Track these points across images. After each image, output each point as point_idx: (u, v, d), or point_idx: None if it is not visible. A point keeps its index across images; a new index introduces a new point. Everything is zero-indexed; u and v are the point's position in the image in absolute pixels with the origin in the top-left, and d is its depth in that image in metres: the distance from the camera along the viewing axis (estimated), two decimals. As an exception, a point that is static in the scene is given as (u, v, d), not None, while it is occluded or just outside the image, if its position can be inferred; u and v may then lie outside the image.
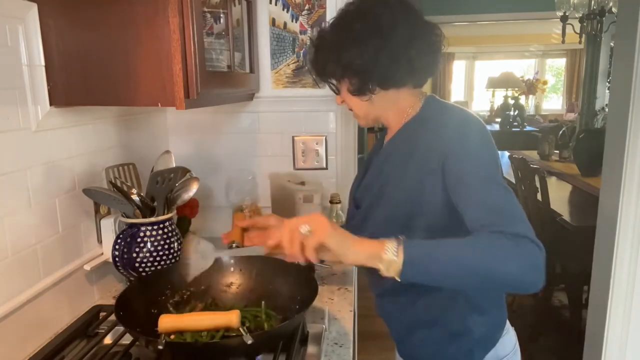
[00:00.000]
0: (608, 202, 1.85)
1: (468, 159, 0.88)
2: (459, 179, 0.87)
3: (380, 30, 0.92)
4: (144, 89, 1.07)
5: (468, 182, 0.86)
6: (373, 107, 1.03)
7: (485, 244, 0.79)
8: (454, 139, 0.91)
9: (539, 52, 8.55)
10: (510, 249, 0.77)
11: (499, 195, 0.84)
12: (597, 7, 3.57)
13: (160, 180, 1.28)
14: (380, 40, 0.92)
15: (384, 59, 0.93)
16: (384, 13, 0.93)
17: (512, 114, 6.83)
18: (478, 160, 0.88)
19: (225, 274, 1.23)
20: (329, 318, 1.22)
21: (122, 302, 1.02)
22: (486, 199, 0.84)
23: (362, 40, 0.93)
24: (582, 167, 3.61)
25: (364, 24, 0.93)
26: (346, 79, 1.00)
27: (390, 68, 0.94)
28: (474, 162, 0.88)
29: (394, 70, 0.95)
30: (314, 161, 1.80)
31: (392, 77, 0.96)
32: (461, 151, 0.89)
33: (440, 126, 0.95)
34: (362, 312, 1.94)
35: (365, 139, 5.27)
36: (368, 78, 0.97)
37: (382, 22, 0.93)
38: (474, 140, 0.91)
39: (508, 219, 0.81)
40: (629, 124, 1.71)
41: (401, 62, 0.94)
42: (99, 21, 1.05)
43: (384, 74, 0.95)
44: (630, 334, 1.86)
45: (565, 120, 6.85)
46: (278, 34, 1.72)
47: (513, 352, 1.07)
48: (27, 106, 1.07)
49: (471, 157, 0.88)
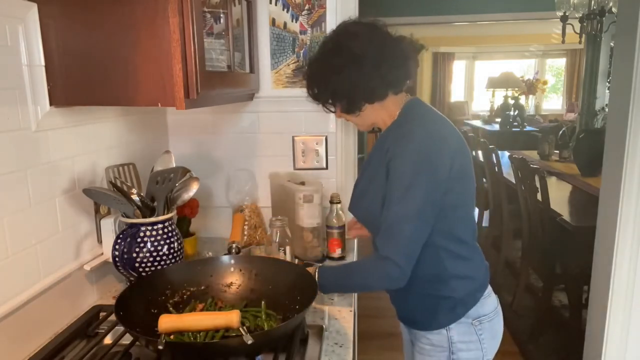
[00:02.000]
0: (608, 202, 1.85)
1: (395, 176, 1.11)
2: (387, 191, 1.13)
3: (354, 59, 1.12)
4: (144, 89, 1.07)
5: (389, 197, 1.12)
6: (366, 117, 1.23)
7: (363, 271, 1.19)
8: (399, 154, 1.12)
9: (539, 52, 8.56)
10: (374, 269, 1.15)
11: (395, 224, 1.10)
12: (597, 7, 3.58)
13: (160, 180, 1.28)
14: (355, 67, 1.12)
15: (362, 82, 1.13)
16: (355, 44, 1.12)
17: (512, 114, 6.82)
18: (399, 181, 1.10)
19: (225, 274, 1.23)
20: (329, 318, 1.22)
21: (122, 302, 1.02)
22: (386, 222, 1.11)
23: (341, 71, 1.13)
24: (582, 167, 3.61)
25: (340, 56, 1.13)
26: (337, 102, 1.20)
27: (368, 87, 1.14)
28: (396, 182, 1.11)
29: (372, 89, 1.15)
30: (314, 161, 1.80)
31: (372, 94, 1.16)
32: (394, 167, 1.11)
33: (397, 137, 1.15)
34: (362, 312, 1.94)
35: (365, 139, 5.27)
36: (354, 99, 1.17)
37: (354, 52, 1.11)
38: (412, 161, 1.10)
39: (387, 243, 1.11)
40: (629, 124, 1.71)
41: (376, 81, 1.14)
42: (99, 21, 1.05)
43: (364, 93, 1.16)
44: (630, 334, 1.86)
45: (565, 120, 6.85)
46: (278, 34, 1.72)
47: (494, 312, 1.27)
48: (27, 106, 1.07)
49: (397, 176, 1.11)
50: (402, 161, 1.10)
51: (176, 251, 1.31)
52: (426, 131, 1.14)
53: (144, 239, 1.26)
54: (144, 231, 1.26)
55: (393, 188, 1.11)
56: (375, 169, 1.19)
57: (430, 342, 1.24)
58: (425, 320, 1.25)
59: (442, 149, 1.12)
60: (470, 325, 1.22)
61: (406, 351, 1.47)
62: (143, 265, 1.25)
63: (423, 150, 1.11)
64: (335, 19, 1.68)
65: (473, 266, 1.25)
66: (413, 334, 1.31)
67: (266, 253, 1.48)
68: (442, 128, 1.17)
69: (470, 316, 1.22)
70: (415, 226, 1.10)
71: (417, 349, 1.29)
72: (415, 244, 1.12)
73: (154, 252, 1.26)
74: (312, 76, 1.21)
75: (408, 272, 1.11)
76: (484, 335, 1.23)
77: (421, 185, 1.09)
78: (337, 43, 1.15)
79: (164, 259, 1.27)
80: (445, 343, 1.22)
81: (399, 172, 1.10)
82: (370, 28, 1.15)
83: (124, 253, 1.24)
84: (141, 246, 1.25)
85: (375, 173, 1.19)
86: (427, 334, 1.25)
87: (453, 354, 1.22)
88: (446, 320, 1.22)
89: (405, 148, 1.11)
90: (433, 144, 1.12)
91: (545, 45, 8.29)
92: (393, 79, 1.16)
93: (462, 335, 1.22)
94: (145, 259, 1.25)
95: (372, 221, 1.20)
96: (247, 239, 1.73)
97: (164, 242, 1.28)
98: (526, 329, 2.99)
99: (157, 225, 1.27)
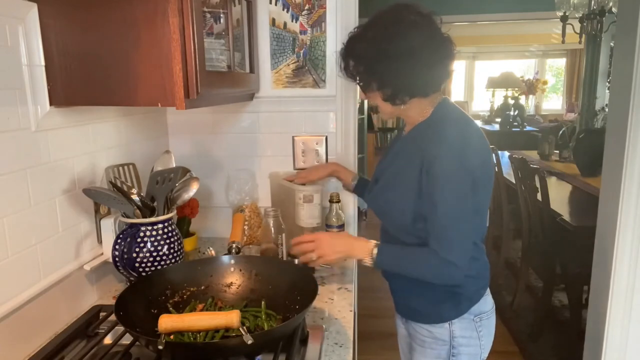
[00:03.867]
0: (608, 202, 1.85)
1: (441, 178, 1.09)
2: (429, 194, 1.11)
3: (412, 52, 1.08)
4: (144, 89, 1.07)
5: (434, 200, 1.10)
6: (398, 109, 1.20)
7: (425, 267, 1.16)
8: (439, 155, 1.10)
9: (539, 52, 8.55)
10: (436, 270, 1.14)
11: (450, 225, 1.11)
12: (597, 7, 3.57)
13: (160, 180, 1.28)
14: (412, 60, 1.09)
15: (414, 76, 1.11)
16: (415, 35, 1.08)
17: (512, 114, 6.81)
18: (449, 183, 1.09)
19: (225, 274, 1.23)
20: (329, 318, 1.22)
21: (122, 302, 1.02)
22: (440, 223, 1.11)
23: (396, 60, 1.09)
24: (582, 167, 3.60)
25: (398, 45, 1.08)
26: (380, 89, 1.15)
27: (419, 83, 1.13)
28: (442, 183, 1.09)
29: (422, 85, 1.13)
30: (314, 161, 1.80)
31: (419, 89, 1.14)
32: (437, 168, 1.09)
33: (436, 138, 1.14)
34: (362, 312, 1.94)
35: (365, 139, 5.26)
36: (400, 90, 1.14)
37: (413, 45, 1.08)
38: (454, 162, 1.09)
39: (447, 246, 1.11)
40: (629, 124, 1.71)
41: (428, 78, 1.13)
42: (99, 21, 1.05)
43: (412, 87, 1.13)
44: (630, 334, 1.86)
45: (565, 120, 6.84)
46: (278, 34, 1.72)
47: (491, 311, 1.30)
48: (27, 106, 1.07)
49: (444, 178, 1.09)
50: (446, 162, 1.09)
51: (176, 251, 1.31)
52: (466, 134, 1.15)
53: (144, 239, 1.26)
54: (144, 231, 1.26)
55: (438, 189, 1.10)
56: (405, 164, 1.20)
57: (432, 335, 1.26)
58: (429, 313, 1.26)
59: (479, 153, 1.14)
60: (472, 321, 1.24)
61: (402, 346, 1.49)
62: (143, 265, 1.25)
63: (465, 153, 1.11)
64: (335, 19, 1.68)
65: (480, 265, 1.27)
66: (412, 327, 1.32)
67: (263, 241, 1.49)
68: (476, 132, 1.18)
69: (473, 312, 1.24)
70: (468, 225, 1.14)
71: (417, 341, 1.31)
72: (470, 242, 1.16)
73: (154, 252, 1.26)
74: (358, 55, 1.15)
75: (466, 271, 1.14)
76: (483, 332, 1.26)
77: (466, 186, 1.10)
78: (397, 30, 1.09)
79: (164, 259, 1.27)
80: (447, 337, 1.24)
81: (444, 173, 1.09)
82: (429, 22, 1.12)
83: (124, 253, 1.24)
84: (141, 246, 1.25)
85: (403, 169, 1.20)
86: (429, 327, 1.27)
87: (454, 348, 1.25)
88: (451, 315, 1.24)
89: (448, 150, 1.10)
90: (473, 148, 1.14)
91: (545, 45, 8.27)
92: (441, 78, 1.16)
93: (463, 330, 1.24)
94: (145, 259, 1.25)
95: (393, 214, 1.23)
96: (247, 239, 1.73)
97: (164, 242, 1.28)
98: (526, 329, 2.98)
99: (157, 225, 1.27)
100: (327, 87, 1.74)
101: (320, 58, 1.72)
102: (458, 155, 1.10)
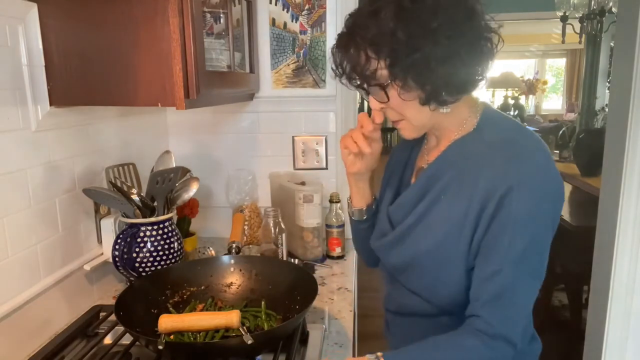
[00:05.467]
0: (608, 202, 1.85)
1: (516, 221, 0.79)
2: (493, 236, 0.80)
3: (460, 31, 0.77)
4: (144, 89, 1.07)
5: (498, 246, 0.80)
6: (435, 117, 0.86)
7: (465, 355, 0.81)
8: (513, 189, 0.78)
9: (539, 52, 8.55)
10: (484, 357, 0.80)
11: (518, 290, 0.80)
12: (597, 7, 3.57)
13: (160, 180, 1.28)
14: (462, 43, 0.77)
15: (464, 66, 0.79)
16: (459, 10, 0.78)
17: (512, 114, 6.83)
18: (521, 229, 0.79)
19: (225, 274, 1.23)
20: (329, 318, 1.22)
21: (122, 302, 1.02)
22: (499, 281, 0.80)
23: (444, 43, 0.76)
24: (582, 167, 3.60)
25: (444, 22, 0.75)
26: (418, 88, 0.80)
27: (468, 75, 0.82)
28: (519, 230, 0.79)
29: (471, 78, 0.82)
30: (314, 161, 1.80)
31: (468, 86, 0.83)
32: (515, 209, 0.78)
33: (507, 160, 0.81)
34: (362, 312, 1.93)
35: (365, 139, 5.28)
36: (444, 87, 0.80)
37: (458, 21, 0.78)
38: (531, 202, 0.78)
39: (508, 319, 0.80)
40: (629, 124, 1.71)
41: (475, 69, 0.82)
42: (99, 21, 1.05)
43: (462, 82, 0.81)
44: (630, 334, 1.85)
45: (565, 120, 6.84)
46: (278, 34, 1.72)
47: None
48: (27, 106, 1.07)
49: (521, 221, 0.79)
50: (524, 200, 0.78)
51: (176, 251, 1.31)
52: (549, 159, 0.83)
53: (144, 239, 1.26)
54: (144, 231, 1.26)
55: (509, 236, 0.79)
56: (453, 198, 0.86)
57: None
58: None
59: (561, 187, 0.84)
60: None
61: None
62: (143, 265, 1.25)
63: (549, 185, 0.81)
64: (335, 19, 1.68)
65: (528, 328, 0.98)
66: None
67: (263, 241, 1.49)
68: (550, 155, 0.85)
69: None
70: (535, 290, 0.83)
71: None
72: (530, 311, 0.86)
73: (154, 252, 1.26)
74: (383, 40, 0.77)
75: None
76: None
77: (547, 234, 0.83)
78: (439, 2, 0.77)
79: (164, 259, 1.27)
80: None
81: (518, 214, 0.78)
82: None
83: (124, 253, 1.24)
84: (141, 246, 1.25)
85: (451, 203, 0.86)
86: None
87: None
88: None
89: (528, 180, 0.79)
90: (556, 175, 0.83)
91: (545, 45, 8.28)
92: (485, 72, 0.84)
93: None
94: (145, 259, 1.25)
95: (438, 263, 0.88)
96: (247, 239, 1.73)
97: (164, 242, 1.28)
98: (526, 329, 2.98)
99: (157, 225, 1.27)
100: (327, 87, 1.74)
101: (320, 58, 1.72)
102: (543, 191, 0.80)
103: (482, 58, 0.82)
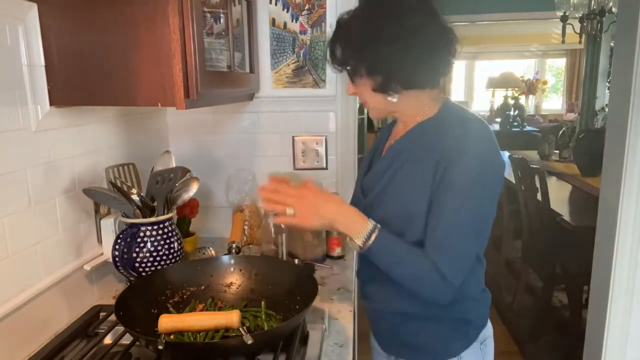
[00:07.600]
0: (608, 202, 1.85)
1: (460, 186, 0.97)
2: (439, 199, 0.98)
3: (409, 33, 0.95)
4: (144, 89, 1.07)
5: (444, 205, 0.98)
6: (390, 105, 1.06)
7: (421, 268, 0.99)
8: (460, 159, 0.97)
9: (539, 52, 8.54)
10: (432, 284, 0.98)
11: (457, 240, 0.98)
12: (597, 7, 3.57)
13: (160, 180, 1.28)
14: (408, 44, 0.95)
15: (410, 62, 0.97)
16: (413, 17, 0.96)
17: (512, 114, 6.82)
18: (468, 192, 0.97)
19: (225, 274, 1.23)
20: (329, 318, 1.22)
21: (122, 302, 1.02)
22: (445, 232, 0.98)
23: (390, 42, 0.95)
24: (582, 167, 3.60)
25: (394, 25, 0.95)
26: (369, 76, 1.01)
27: (415, 71, 0.98)
28: (461, 193, 0.97)
29: (418, 73, 0.99)
30: (314, 161, 1.80)
31: (416, 80, 1.00)
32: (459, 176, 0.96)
33: (454, 137, 0.99)
34: (362, 312, 1.93)
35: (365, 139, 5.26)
36: (392, 79, 0.99)
37: (411, 25, 0.95)
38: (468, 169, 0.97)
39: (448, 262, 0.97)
40: (629, 124, 1.71)
41: (425, 66, 0.99)
42: (99, 21, 1.05)
43: (408, 76, 0.99)
44: (630, 334, 1.85)
45: (565, 120, 6.84)
46: (278, 34, 1.72)
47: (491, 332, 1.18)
48: (27, 106, 1.07)
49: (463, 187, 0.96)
50: (462, 168, 0.96)
51: (176, 251, 1.31)
52: (491, 139, 1.01)
53: (144, 239, 1.26)
54: (144, 231, 1.26)
55: (448, 196, 0.97)
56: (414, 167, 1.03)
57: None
58: (435, 348, 1.11)
59: (500, 159, 1.02)
60: (479, 349, 1.12)
61: None
62: (143, 265, 1.25)
63: (485, 158, 0.99)
64: (335, 19, 1.68)
65: (480, 282, 1.14)
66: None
67: (263, 241, 1.49)
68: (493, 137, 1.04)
69: (480, 339, 1.12)
70: (476, 242, 1.03)
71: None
72: (472, 260, 1.03)
73: (154, 252, 1.26)
74: (347, 36, 1.01)
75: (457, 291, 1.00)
76: (487, 358, 1.15)
77: (481, 196, 0.98)
78: (393, 9, 0.96)
79: (164, 259, 1.27)
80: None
81: (458, 179, 0.96)
82: (431, 6, 0.99)
83: (124, 253, 1.24)
84: (141, 246, 1.25)
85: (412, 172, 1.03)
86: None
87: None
88: (460, 346, 1.10)
89: (472, 154, 0.97)
90: (494, 153, 1.01)
91: (545, 45, 8.27)
92: (440, 70, 1.02)
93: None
94: (145, 259, 1.25)
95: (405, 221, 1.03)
96: (247, 239, 1.73)
97: (164, 242, 1.28)
98: (526, 329, 2.98)
99: (157, 225, 1.27)
100: (327, 87, 1.74)
101: (320, 58, 1.72)
102: (479, 161, 0.97)
103: (433, 59, 0.99)
